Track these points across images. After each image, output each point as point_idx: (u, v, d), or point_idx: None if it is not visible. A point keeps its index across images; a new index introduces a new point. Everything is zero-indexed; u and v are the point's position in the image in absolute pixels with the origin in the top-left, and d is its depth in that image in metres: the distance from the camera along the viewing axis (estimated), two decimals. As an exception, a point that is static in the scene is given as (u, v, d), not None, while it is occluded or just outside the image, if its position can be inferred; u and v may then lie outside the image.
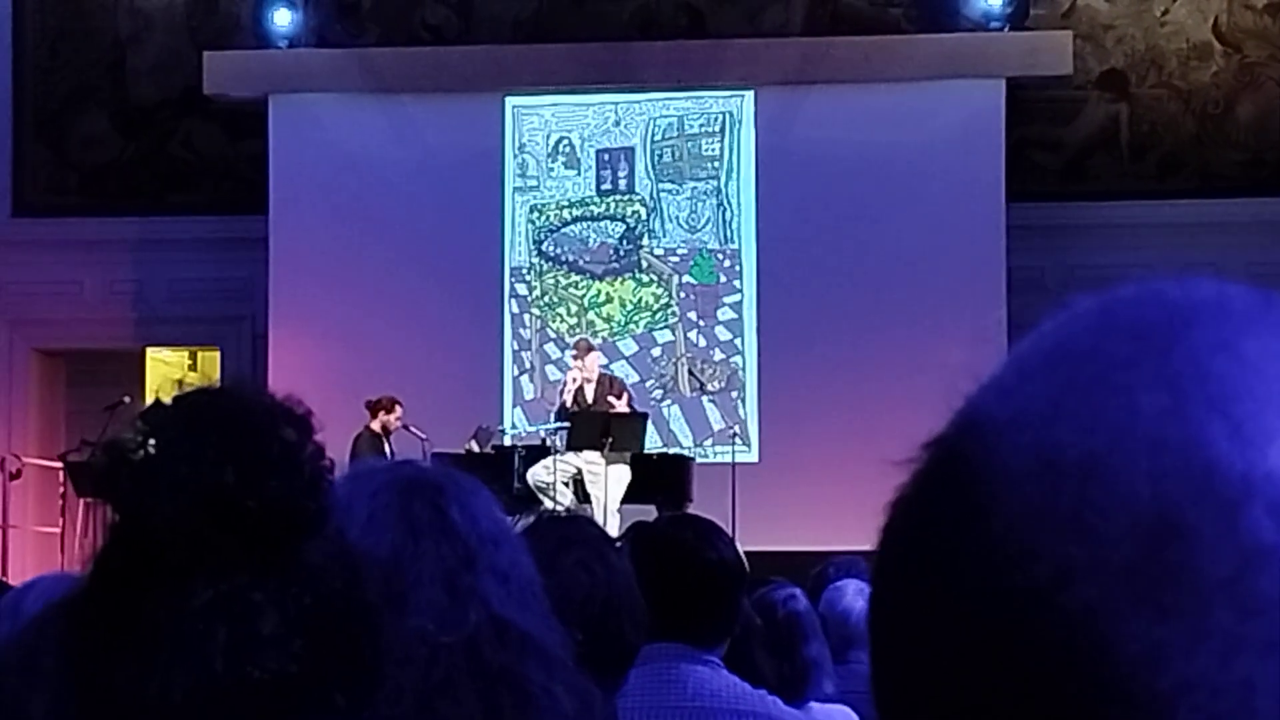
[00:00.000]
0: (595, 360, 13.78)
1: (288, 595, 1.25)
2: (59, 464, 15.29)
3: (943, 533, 0.60)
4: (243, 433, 1.28)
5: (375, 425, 13.90)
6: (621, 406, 13.45)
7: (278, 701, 1.24)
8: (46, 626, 1.65)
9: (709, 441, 15.59)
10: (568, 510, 11.76)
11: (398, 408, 13.99)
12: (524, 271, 16.20)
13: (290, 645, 1.23)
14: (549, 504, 12.68)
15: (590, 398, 13.40)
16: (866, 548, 0.67)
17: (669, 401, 15.88)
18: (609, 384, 13.64)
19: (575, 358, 13.76)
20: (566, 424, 13.39)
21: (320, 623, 1.25)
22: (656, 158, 16.22)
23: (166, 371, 17.80)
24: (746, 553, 4.02)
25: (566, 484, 13.21)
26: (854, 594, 5.05)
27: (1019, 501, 0.58)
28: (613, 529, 11.06)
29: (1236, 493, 0.56)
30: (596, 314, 16.05)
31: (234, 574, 1.24)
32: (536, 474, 13.21)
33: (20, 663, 1.53)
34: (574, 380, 13.53)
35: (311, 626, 1.25)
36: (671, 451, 14.96)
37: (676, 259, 16.16)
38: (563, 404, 13.62)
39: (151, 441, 1.29)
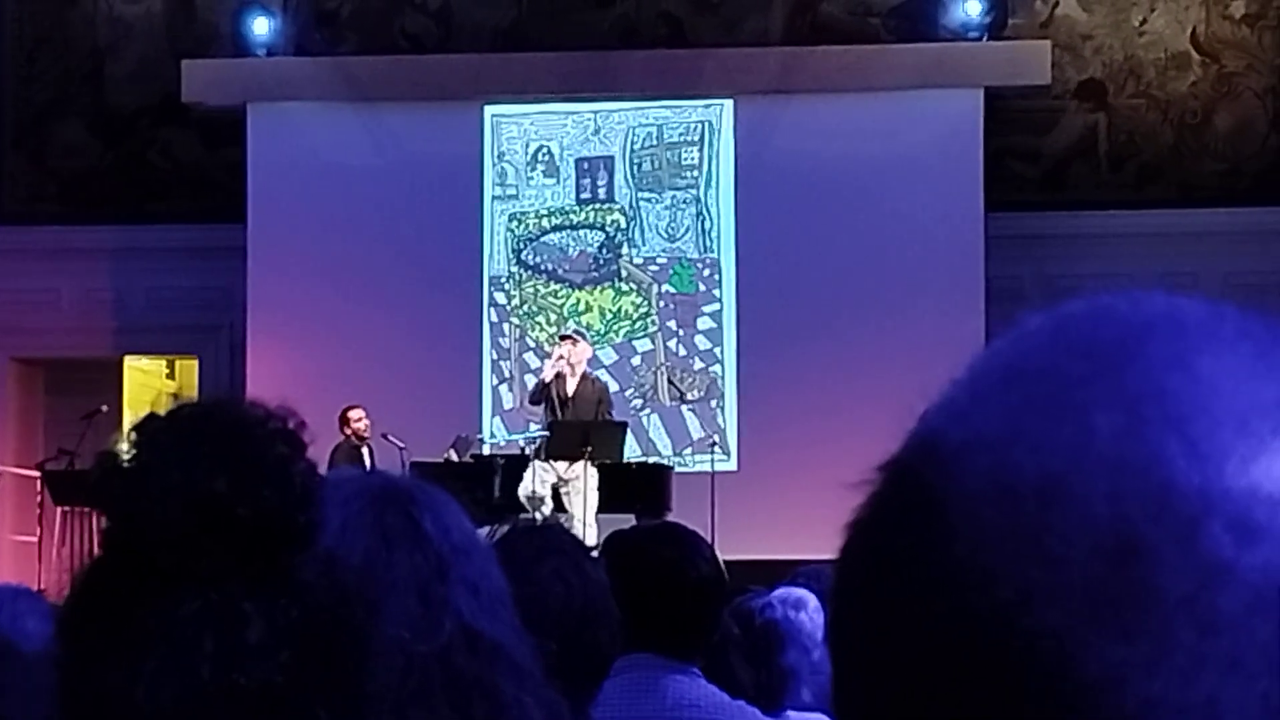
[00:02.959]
0: (584, 353, 13.75)
1: (276, 607, 1.25)
2: (36, 473, 15.24)
3: (902, 556, 0.60)
4: (236, 444, 1.29)
5: (347, 433, 13.90)
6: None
7: (262, 711, 1.24)
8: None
9: (688, 450, 15.59)
10: (544, 520, 11.75)
11: (353, 413, 13.96)
12: (503, 280, 16.19)
13: (277, 656, 1.24)
14: (538, 516, 12.66)
15: (570, 390, 13.37)
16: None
17: (648, 410, 15.88)
18: (593, 383, 13.63)
19: (563, 339, 13.76)
20: (546, 433, 13.38)
21: (307, 637, 1.26)
22: (636, 167, 16.23)
23: (144, 380, 17.76)
24: (725, 561, 4.02)
25: (550, 495, 13.21)
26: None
27: (978, 525, 0.58)
28: (590, 539, 11.04)
29: (1195, 510, 0.56)
30: (576, 323, 16.03)
31: (224, 583, 1.25)
32: (527, 487, 13.16)
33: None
34: (559, 359, 13.48)
35: (298, 639, 1.26)
36: (651, 460, 14.96)
37: (656, 268, 16.16)
38: (540, 381, 13.60)
39: (144, 449, 1.30)
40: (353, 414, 13.96)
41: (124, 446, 1.31)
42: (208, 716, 1.23)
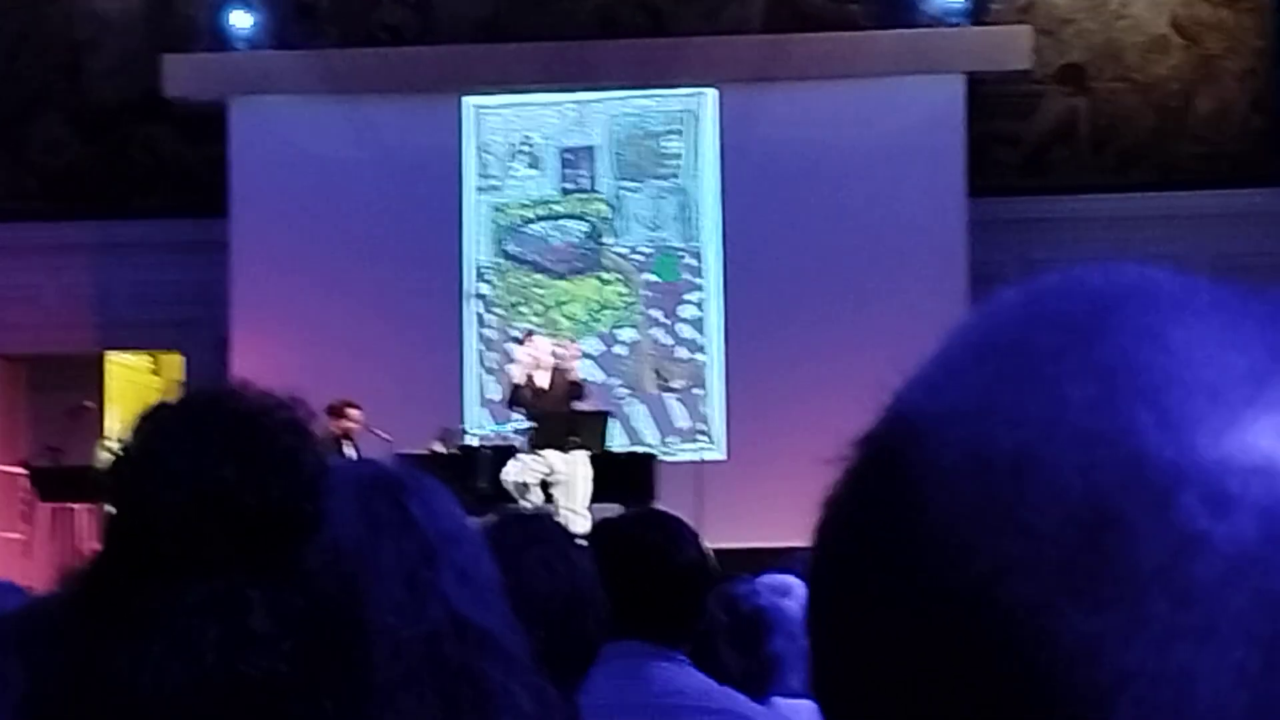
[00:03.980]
0: (545, 346, 13.77)
1: (281, 596, 1.26)
2: (21, 470, 15.21)
3: (877, 531, 0.60)
4: (244, 433, 1.29)
5: (335, 429, 13.85)
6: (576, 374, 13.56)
7: (267, 700, 1.24)
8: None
9: (674, 439, 15.60)
10: (531, 509, 11.76)
11: (350, 411, 13.89)
12: (487, 271, 16.18)
13: (281, 645, 1.24)
14: (525, 504, 12.66)
15: (546, 384, 13.39)
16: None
17: (633, 400, 15.88)
18: (561, 375, 13.64)
19: (519, 342, 13.80)
20: (532, 423, 13.39)
21: (312, 627, 1.26)
22: (618, 156, 16.22)
23: (128, 376, 17.73)
24: (713, 550, 4.02)
25: (537, 483, 13.21)
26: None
27: (952, 498, 0.58)
28: (583, 528, 11.04)
29: (1167, 482, 0.56)
30: (560, 313, 16.05)
31: (230, 571, 1.25)
32: (510, 473, 13.19)
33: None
34: (527, 357, 13.51)
35: (303, 629, 1.26)
36: (637, 450, 14.96)
37: (640, 257, 16.16)
38: (514, 385, 13.61)
39: (153, 437, 1.30)
40: (353, 411, 13.85)
41: (133, 435, 1.31)
42: (212, 703, 1.23)
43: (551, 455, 13.17)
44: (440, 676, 1.41)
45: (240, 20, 16.40)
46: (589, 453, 13.26)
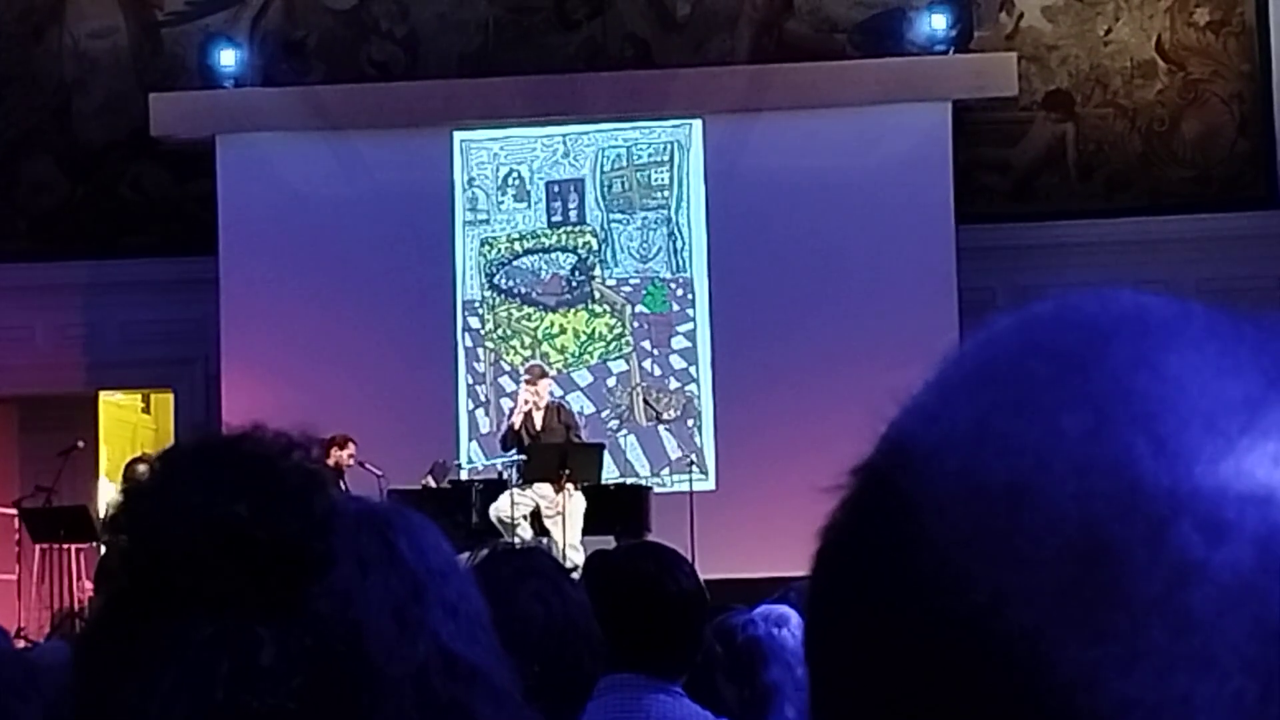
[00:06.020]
0: (547, 387, 13.80)
1: (290, 634, 1.27)
2: (13, 511, 15.18)
3: (875, 561, 0.60)
4: (259, 471, 1.31)
5: (330, 462, 13.82)
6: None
7: None
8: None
9: (666, 470, 15.59)
10: (523, 544, 11.74)
11: (350, 445, 13.89)
12: (476, 305, 16.19)
13: (290, 681, 1.26)
14: (516, 540, 12.65)
15: (539, 424, 13.39)
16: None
17: (625, 431, 15.87)
18: (558, 412, 13.65)
19: (528, 383, 13.76)
20: (523, 456, 13.38)
21: (319, 668, 1.27)
22: (606, 188, 16.24)
23: (120, 415, 17.71)
24: (706, 580, 4.02)
25: (525, 518, 13.20)
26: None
27: (949, 528, 0.58)
28: (577, 561, 11.04)
29: (1164, 510, 0.56)
30: (550, 346, 16.05)
31: (241, 608, 1.27)
32: (499, 509, 13.18)
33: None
34: (525, 403, 13.52)
35: (311, 669, 1.27)
36: (629, 481, 14.95)
37: (629, 289, 16.17)
38: (510, 426, 13.61)
39: (167, 472, 1.32)
40: (350, 445, 13.83)
41: (146, 472, 1.34)
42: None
43: (544, 488, 13.16)
44: (430, 712, 1.41)
45: (227, 58, 16.41)
46: (582, 485, 13.25)
